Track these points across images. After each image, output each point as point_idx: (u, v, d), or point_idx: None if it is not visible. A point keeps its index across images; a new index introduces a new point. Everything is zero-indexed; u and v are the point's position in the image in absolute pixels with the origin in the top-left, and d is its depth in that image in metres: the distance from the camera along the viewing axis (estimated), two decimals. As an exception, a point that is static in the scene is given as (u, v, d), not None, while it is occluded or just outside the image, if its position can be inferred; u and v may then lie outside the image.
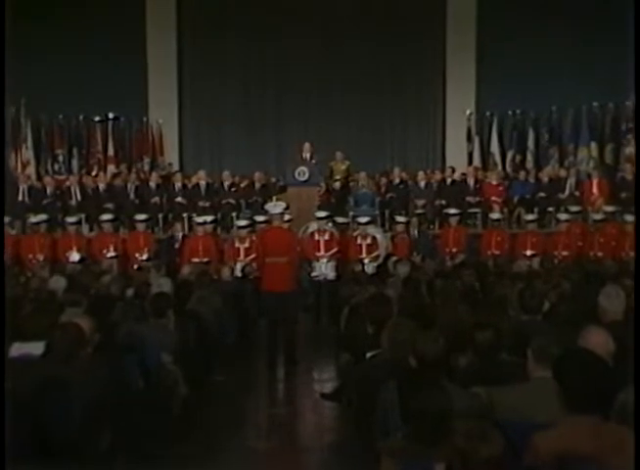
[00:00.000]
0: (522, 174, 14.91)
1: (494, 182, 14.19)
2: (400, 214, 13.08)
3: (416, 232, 12.28)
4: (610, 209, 12.76)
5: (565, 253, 11.69)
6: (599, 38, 15.99)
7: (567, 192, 14.17)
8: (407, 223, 12.26)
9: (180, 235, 12.10)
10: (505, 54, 16.38)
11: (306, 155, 13.83)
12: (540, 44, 16.22)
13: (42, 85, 15.89)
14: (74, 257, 11.30)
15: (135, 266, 10.95)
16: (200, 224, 11.62)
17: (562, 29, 16.12)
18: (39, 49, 16.12)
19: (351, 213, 13.53)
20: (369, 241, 11.30)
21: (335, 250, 10.94)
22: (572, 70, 15.97)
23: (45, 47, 16.24)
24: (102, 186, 14.07)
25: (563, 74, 15.99)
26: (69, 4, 16.35)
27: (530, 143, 16.59)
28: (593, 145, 16.06)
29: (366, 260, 10.90)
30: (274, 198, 13.73)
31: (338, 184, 14.61)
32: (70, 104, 16.28)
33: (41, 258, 11.41)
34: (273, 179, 15.60)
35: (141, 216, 12.14)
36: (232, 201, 14.09)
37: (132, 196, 14.10)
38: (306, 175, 12.82)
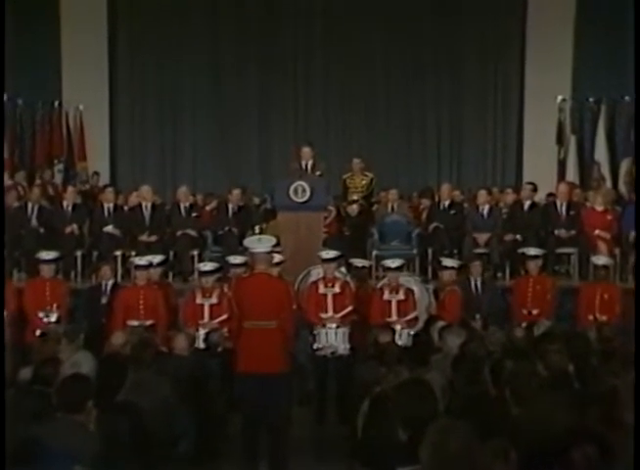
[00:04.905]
0: (643, 196, 14.90)
1: (600, 208, 14.13)
2: (451, 255, 13.03)
3: (475, 283, 12.22)
4: None
5: None
6: None
7: None
8: (460, 269, 12.21)
9: (110, 284, 12.05)
10: (615, 12, 16.38)
11: (307, 163, 13.83)
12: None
13: None
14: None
15: (37, 332, 10.88)
16: (141, 268, 11.58)
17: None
18: None
19: (375, 253, 13.55)
20: (402, 296, 11.23)
21: (349, 309, 10.88)
22: None
23: None
24: (-14, 206, 14.09)
25: None
26: None
27: (660, 148, 16.58)
28: None
29: (397, 326, 10.82)
30: (257, 228, 13.69)
31: (355, 208, 14.60)
32: None
33: None
34: (256, 199, 15.61)
35: (48, 255, 12.08)
36: (192, 232, 14.07)
37: (34, 222, 14.08)
38: (307, 194, 12.79)
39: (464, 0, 17.81)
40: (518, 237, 13.81)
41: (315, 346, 10.69)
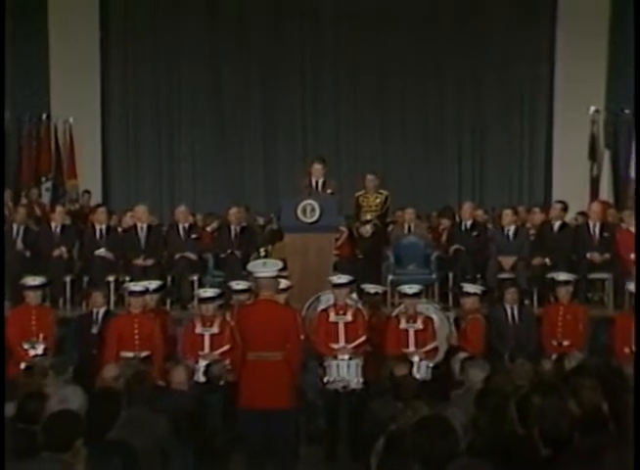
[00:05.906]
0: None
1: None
2: (473, 281, 13.03)
3: (512, 312, 12.17)
4: None
5: None
6: None
7: None
8: (484, 295, 12.18)
9: (102, 312, 12.05)
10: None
11: (317, 180, 13.81)
12: None
13: None
14: None
15: (22, 365, 10.87)
16: (136, 294, 11.57)
17: None
18: None
19: (391, 278, 13.55)
20: (420, 325, 11.21)
21: (362, 339, 10.87)
22: None
23: None
24: (-33, 228, 14.11)
25: None
26: None
27: None
28: None
29: (415, 358, 10.80)
30: (262, 251, 13.69)
31: (368, 228, 14.58)
32: None
33: None
34: (261, 220, 15.61)
35: (34, 280, 12.07)
36: (191, 255, 14.08)
37: (19, 245, 14.10)
38: (316, 214, 12.79)
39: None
40: (547, 261, 13.74)
41: (325, 379, 10.65)
